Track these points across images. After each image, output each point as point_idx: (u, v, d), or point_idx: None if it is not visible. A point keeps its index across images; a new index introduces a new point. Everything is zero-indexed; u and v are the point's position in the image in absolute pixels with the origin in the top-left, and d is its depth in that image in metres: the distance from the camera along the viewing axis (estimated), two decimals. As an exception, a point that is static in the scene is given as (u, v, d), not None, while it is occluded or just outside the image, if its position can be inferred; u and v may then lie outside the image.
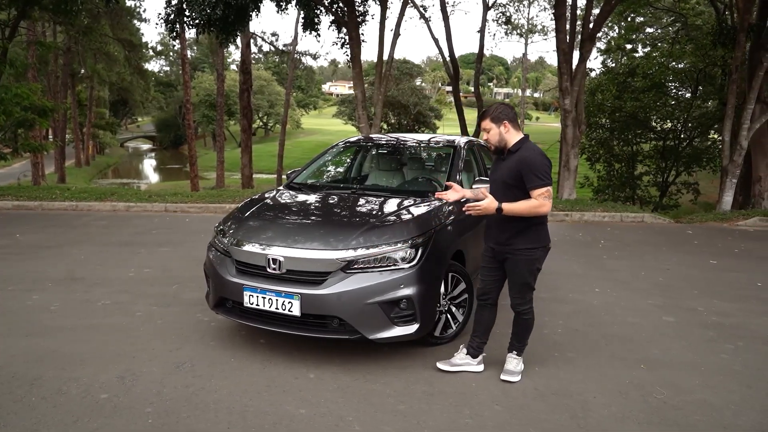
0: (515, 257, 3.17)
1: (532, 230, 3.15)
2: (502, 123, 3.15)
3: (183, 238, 7.44)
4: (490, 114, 3.20)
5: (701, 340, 4.12)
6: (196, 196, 10.80)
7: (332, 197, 4.17)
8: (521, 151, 3.11)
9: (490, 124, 3.18)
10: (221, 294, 3.54)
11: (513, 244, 3.15)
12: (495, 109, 3.21)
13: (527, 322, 3.34)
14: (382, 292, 3.19)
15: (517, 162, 3.08)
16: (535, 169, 3.02)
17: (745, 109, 11.58)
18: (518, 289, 3.25)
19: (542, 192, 3.01)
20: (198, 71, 52.36)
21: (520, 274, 3.20)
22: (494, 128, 3.17)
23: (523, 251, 3.15)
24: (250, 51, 18.53)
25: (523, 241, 3.14)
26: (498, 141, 3.19)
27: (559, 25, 11.04)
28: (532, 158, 3.05)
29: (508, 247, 3.17)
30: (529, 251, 3.16)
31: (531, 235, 3.15)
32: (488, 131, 3.20)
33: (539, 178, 3.01)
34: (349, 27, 11.51)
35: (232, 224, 3.78)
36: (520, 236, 3.14)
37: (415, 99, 37.45)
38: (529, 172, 3.02)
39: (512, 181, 3.10)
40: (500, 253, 3.22)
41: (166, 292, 4.98)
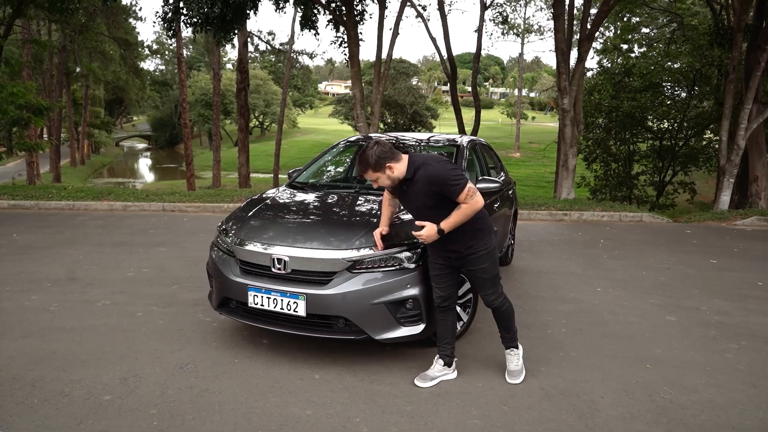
0: (478, 255, 3.09)
1: (480, 226, 3.08)
2: (385, 167, 2.94)
3: (181, 237, 7.40)
4: (370, 164, 2.93)
5: (704, 339, 4.11)
6: (194, 195, 10.75)
7: (335, 196, 4.15)
8: (420, 173, 2.94)
9: (374, 173, 2.96)
10: (225, 294, 3.51)
11: (472, 247, 3.07)
12: (370, 157, 2.92)
13: (507, 310, 3.28)
14: (388, 292, 3.17)
15: (425, 184, 2.93)
16: (446, 179, 2.89)
17: (743, 109, 11.63)
18: (490, 284, 3.17)
19: (465, 192, 2.89)
20: (194, 70, 52.19)
21: (488, 268, 3.13)
22: (381, 175, 2.97)
23: (482, 247, 3.09)
24: (248, 50, 18.47)
25: (479, 239, 3.08)
26: (391, 183, 3.02)
27: (558, 25, 11.05)
28: (437, 172, 2.91)
29: (467, 251, 3.07)
30: (487, 244, 3.11)
31: (482, 230, 3.10)
32: (376, 180, 2.99)
33: (455, 184, 2.88)
34: (348, 26, 11.48)
35: (236, 223, 3.75)
36: (475, 237, 3.06)
37: (411, 98, 37.53)
38: (443, 185, 2.89)
39: (432, 202, 2.96)
40: (458, 259, 3.11)
41: (165, 292, 4.94)
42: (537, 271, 6.03)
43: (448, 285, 3.20)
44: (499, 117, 65.10)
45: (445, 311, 3.26)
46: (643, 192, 18.49)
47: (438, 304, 3.24)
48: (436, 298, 3.23)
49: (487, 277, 3.15)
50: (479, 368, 3.47)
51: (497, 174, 5.71)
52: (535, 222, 9.50)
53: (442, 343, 3.30)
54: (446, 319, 3.28)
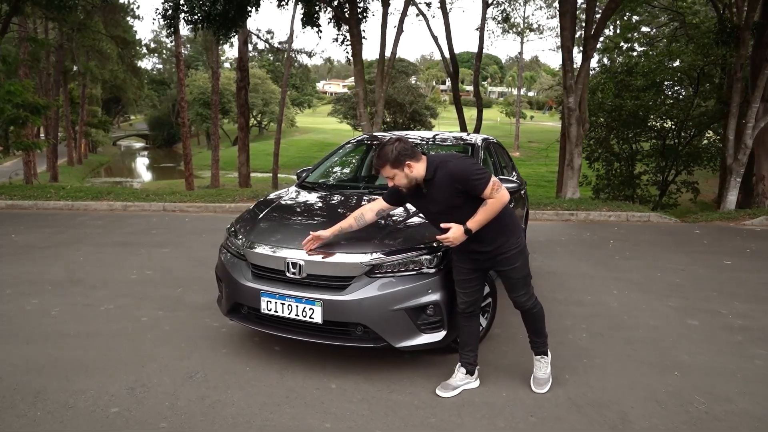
0: (508, 255, 2.94)
1: (507, 222, 2.93)
2: (404, 165, 2.78)
3: (183, 238, 7.24)
4: (389, 159, 2.78)
5: (730, 344, 3.98)
6: (195, 195, 10.59)
7: (348, 197, 4.00)
8: (440, 172, 2.79)
9: (392, 170, 2.80)
10: (236, 300, 3.35)
11: (502, 245, 2.92)
12: (391, 151, 2.77)
13: (539, 313, 3.15)
14: (408, 298, 3.02)
15: (447, 183, 2.77)
16: (468, 173, 2.75)
17: (750, 108, 11.50)
18: (522, 284, 3.02)
19: (490, 187, 2.73)
20: (192, 69, 51.92)
21: (519, 267, 2.98)
22: (398, 173, 2.81)
23: (513, 245, 2.94)
24: (248, 48, 18.29)
25: (509, 237, 2.93)
26: (408, 183, 2.84)
27: (564, 23, 10.90)
28: (458, 168, 2.77)
29: (496, 251, 2.92)
30: (517, 242, 2.96)
31: (510, 227, 2.95)
32: (392, 178, 2.83)
33: (477, 177, 2.73)
34: (350, 23, 11.32)
35: (246, 225, 3.59)
36: (504, 235, 2.92)
37: (410, 97, 37.39)
38: (467, 181, 2.73)
39: (457, 201, 2.79)
40: (486, 260, 2.96)
41: (170, 295, 4.78)
42: (550, 272, 5.89)
43: (475, 290, 3.06)
44: (497, 116, 65.02)
45: (469, 317, 3.11)
46: (646, 191, 18.38)
47: (463, 309, 3.08)
48: (461, 304, 3.08)
49: (519, 277, 3.01)
50: (501, 376, 3.33)
51: (509, 173, 5.57)
52: (542, 222, 9.37)
53: (465, 350, 3.16)
54: (470, 326, 3.13)
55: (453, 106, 20.66)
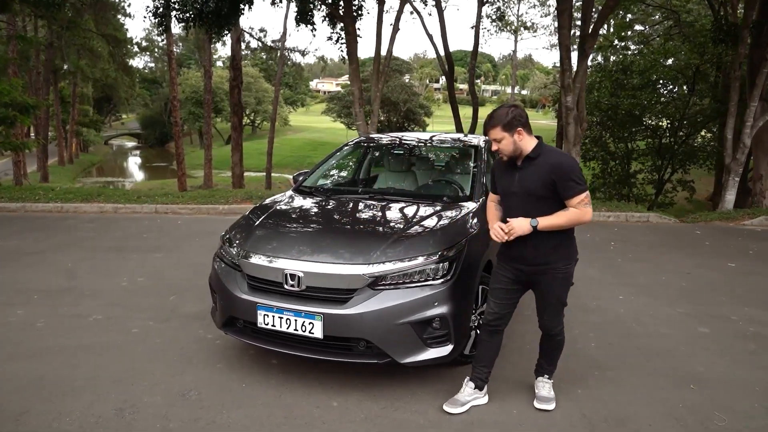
0: (552, 276, 2.79)
1: (567, 243, 2.79)
2: (516, 131, 2.68)
3: (176, 242, 7.04)
4: (502, 121, 2.68)
5: (744, 353, 3.84)
6: (188, 196, 10.37)
7: (349, 203, 3.82)
8: (547, 157, 2.69)
9: (501, 132, 2.68)
10: (231, 313, 3.17)
11: (550, 262, 2.76)
12: (506, 114, 2.69)
13: (560, 342, 3.02)
14: (414, 311, 2.86)
15: (547, 169, 2.65)
16: (572, 173, 2.63)
17: (749, 107, 11.41)
18: (554, 310, 2.89)
19: (582, 198, 2.62)
20: (184, 68, 51.49)
21: (556, 293, 2.84)
22: (507, 137, 2.69)
23: (561, 268, 2.78)
24: (241, 47, 18.05)
25: (560, 256, 2.78)
26: (513, 151, 2.72)
27: (562, 21, 10.76)
28: (567, 163, 2.66)
29: (543, 266, 2.77)
30: (566, 267, 2.80)
31: (567, 248, 2.80)
32: (499, 141, 2.70)
33: (577, 183, 2.62)
34: (346, 21, 11.13)
35: (242, 233, 3.41)
36: (557, 252, 2.76)
37: (404, 96, 37.21)
38: (566, 179, 2.62)
39: (543, 192, 2.67)
40: (530, 273, 2.81)
41: (162, 304, 4.60)
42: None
43: (509, 303, 2.91)
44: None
45: (493, 332, 2.95)
46: (642, 190, 18.31)
47: (488, 321, 2.93)
48: (489, 315, 2.92)
49: (555, 302, 2.87)
50: (512, 391, 3.17)
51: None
52: (541, 223, 9.22)
53: (479, 366, 2.99)
54: (492, 342, 2.97)
55: (447, 104, 20.51)
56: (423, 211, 3.54)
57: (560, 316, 2.92)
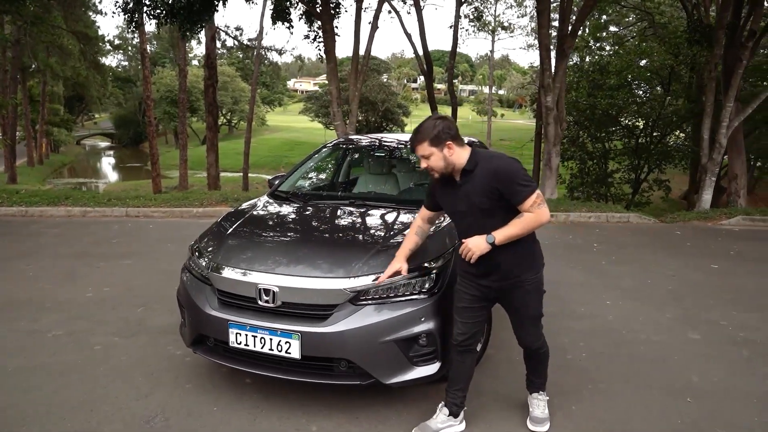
0: (522, 289, 2.56)
1: (531, 251, 2.57)
2: (444, 144, 2.43)
3: (147, 247, 6.72)
4: (429, 135, 2.43)
5: (738, 362, 3.73)
6: (161, 199, 10.00)
7: (328, 209, 3.59)
8: (484, 165, 2.44)
9: (429, 148, 2.44)
10: (200, 330, 2.92)
11: (517, 274, 2.54)
12: (432, 126, 2.44)
13: (545, 354, 2.80)
14: (399, 328, 2.65)
15: (488, 179, 2.41)
16: (515, 176, 2.38)
17: (724, 108, 11.50)
18: (531, 323, 2.66)
19: (533, 199, 2.37)
20: (158, 66, 50.49)
21: (531, 306, 2.61)
22: (436, 153, 2.44)
23: (529, 279, 2.56)
24: (215, 45, 17.64)
25: (527, 266, 2.55)
26: (444, 167, 2.47)
27: (542, 20, 10.69)
28: (506, 167, 2.41)
29: (511, 280, 2.54)
30: (535, 276, 2.58)
31: (532, 256, 2.58)
32: (428, 157, 2.46)
33: (523, 185, 2.37)
34: (323, 19, 10.89)
35: (212, 243, 3.17)
36: (523, 262, 2.54)
37: (383, 96, 37.05)
38: (510, 184, 2.38)
39: (491, 204, 2.42)
40: (498, 289, 2.58)
41: (130, 317, 4.31)
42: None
43: (476, 321, 2.67)
44: (469, 114, 65.27)
45: (463, 352, 2.71)
46: (620, 189, 18.44)
47: (458, 342, 2.69)
48: (457, 335, 2.68)
49: (531, 315, 2.64)
50: (498, 409, 2.99)
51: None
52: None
53: (453, 389, 2.76)
54: (463, 362, 2.73)
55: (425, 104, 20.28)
56: (406, 218, 3.33)
57: (539, 329, 2.71)
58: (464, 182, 2.49)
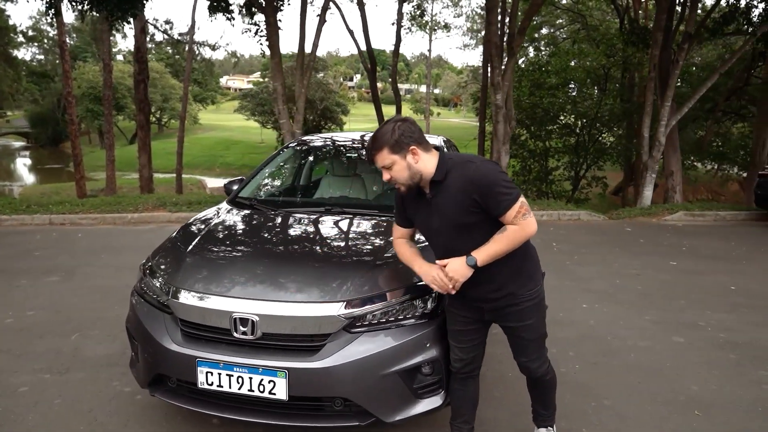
0: (521, 307, 2.19)
1: (526, 263, 2.20)
2: (407, 150, 2.05)
3: (77, 260, 5.98)
4: (388, 141, 2.04)
5: (729, 367, 3.62)
6: (89, 204, 9.11)
7: (305, 219, 3.14)
8: (458, 172, 2.06)
9: (390, 156, 2.05)
10: (159, 370, 2.41)
11: (514, 292, 2.17)
12: (391, 131, 2.05)
13: (552, 381, 2.44)
14: (403, 357, 2.27)
15: (461, 189, 2.04)
16: (496, 183, 2.00)
17: (662, 107, 11.87)
18: (536, 346, 2.30)
19: (517, 208, 2.00)
20: (79, 61, 47.34)
21: (534, 325, 2.24)
22: (398, 161, 2.06)
23: (528, 295, 2.19)
24: (146, 37, 16.51)
25: (523, 281, 2.18)
26: (409, 177, 2.08)
27: (491, 17, 10.60)
28: (485, 172, 2.02)
29: (508, 303, 2.18)
30: (534, 291, 2.21)
31: (528, 269, 2.21)
32: (390, 168, 2.08)
33: (506, 192, 2.00)
34: (267, 12, 10.29)
35: (169, 262, 2.66)
36: (518, 278, 2.17)
37: (321, 94, 36.39)
38: (491, 192, 1.99)
39: (469, 218, 2.05)
40: (492, 310, 2.23)
41: (61, 347, 3.69)
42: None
43: (473, 345, 2.32)
44: (406, 113, 65.58)
45: (465, 379, 2.37)
46: (560, 186, 18.89)
47: (457, 369, 2.34)
48: (456, 362, 2.33)
49: (531, 338, 2.27)
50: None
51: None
52: (479, 225, 8.97)
53: (458, 422, 2.43)
54: (465, 390, 2.39)
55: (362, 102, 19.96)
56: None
57: (543, 352, 2.35)
58: (435, 194, 2.11)
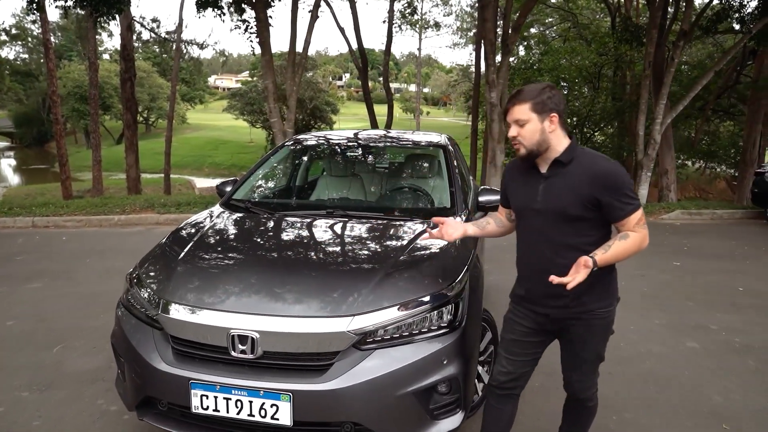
0: (588, 323, 2.04)
1: (608, 279, 2.05)
2: (549, 116, 1.93)
3: (61, 265, 5.72)
4: (533, 97, 1.92)
5: (746, 372, 3.48)
6: (74, 206, 8.81)
7: (305, 224, 2.92)
8: (584, 162, 1.94)
9: (529, 113, 1.92)
10: (148, 392, 2.18)
11: (586, 303, 2.01)
12: (539, 91, 1.93)
13: (593, 409, 2.25)
14: (419, 375, 2.07)
15: (587, 180, 1.90)
16: (624, 186, 1.90)
17: (657, 105, 11.78)
18: (589, 367, 2.14)
19: (639, 215, 1.91)
20: (65, 60, 46.64)
21: (594, 347, 2.09)
22: (535, 121, 1.92)
23: (599, 313, 2.03)
24: (132, 35, 16.15)
25: (599, 296, 2.02)
26: (538, 142, 1.94)
27: (486, 14, 10.42)
28: (615, 171, 1.90)
29: (577, 310, 2.02)
30: (607, 311, 2.05)
31: (608, 286, 2.05)
32: (522, 124, 1.94)
33: (631, 197, 1.90)
34: (257, 8, 10.04)
35: (159, 271, 2.43)
36: (595, 291, 2.00)
37: (311, 93, 36.09)
38: (616, 194, 1.88)
39: (579, 211, 1.93)
40: (559, 320, 2.07)
41: (43, 360, 3.45)
42: (509, 288, 5.19)
43: (525, 361, 2.14)
44: (396, 112, 65.35)
45: (504, 397, 2.19)
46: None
47: (499, 383, 2.16)
48: (499, 374, 2.16)
49: (589, 358, 2.10)
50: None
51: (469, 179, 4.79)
52: (477, 225, 8.79)
53: None
54: (502, 409, 2.20)
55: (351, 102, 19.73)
56: (403, 232, 2.75)
57: (595, 376, 2.18)
58: (552, 175, 1.98)
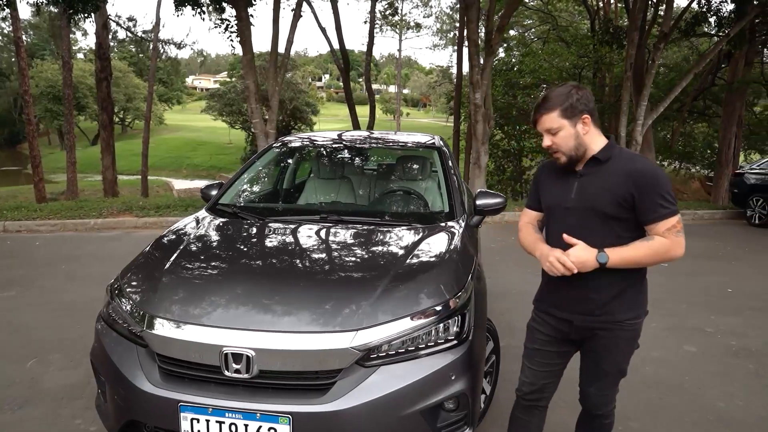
0: (614, 334, 1.92)
1: (638, 288, 1.93)
2: (580, 119, 1.84)
3: (35, 272, 5.47)
4: (561, 103, 1.82)
5: (747, 376, 3.44)
6: (48, 209, 8.50)
7: (298, 230, 2.76)
8: (621, 161, 1.85)
9: (559, 120, 1.83)
10: (132, 416, 2.01)
11: (613, 313, 1.89)
12: (567, 94, 1.83)
13: (608, 427, 2.13)
14: (427, 393, 1.94)
15: (624, 178, 1.80)
16: (661, 187, 1.78)
17: (639, 106, 11.86)
18: (612, 381, 2.02)
19: (674, 222, 1.77)
20: (37, 59, 45.51)
21: (617, 360, 1.97)
22: (567, 127, 1.83)
23: (627, 324, 1.91)
24: (108, 33, 15.73)
25: (628, 306, 1.90)
26: (574, 148, 1.85)
27: (470, 15, 10.35)
28: (653, 171, 1.80)
29: (603, 319, 1.90)
30: (634, 322, 1.93)
31: (637, 295, 1.93)
32: (555, 133, 1.85)
33: (668, 201, 1.78)
34: (238, 6, 9.82)
35: (143, 282, 2.26)
36: (624, 299, 1.90)
37: (291, 93, 35.79)
38: (652, 194, 1.77)
39: (613, 210, 1.83)
40: (583, 329, 1.95)
41: (16, 376, 3.24)
42: (504, 292, 5.11)
43: (548, 372, 2.04)
44: (376, 113, 65.46)
45: (530, 408, 2.09)
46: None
47: (523, 394, 2.08)
48: (523, 385, 2.07)
49: (611, 371, 1.99)
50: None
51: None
52: (463, 227, 8.71)
53: None
54: (529, 420, 2.11)
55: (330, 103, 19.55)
56: (403, 238, 2.62)
57: (615, 391, 2.06)
58: (588, 173, 1.89)
